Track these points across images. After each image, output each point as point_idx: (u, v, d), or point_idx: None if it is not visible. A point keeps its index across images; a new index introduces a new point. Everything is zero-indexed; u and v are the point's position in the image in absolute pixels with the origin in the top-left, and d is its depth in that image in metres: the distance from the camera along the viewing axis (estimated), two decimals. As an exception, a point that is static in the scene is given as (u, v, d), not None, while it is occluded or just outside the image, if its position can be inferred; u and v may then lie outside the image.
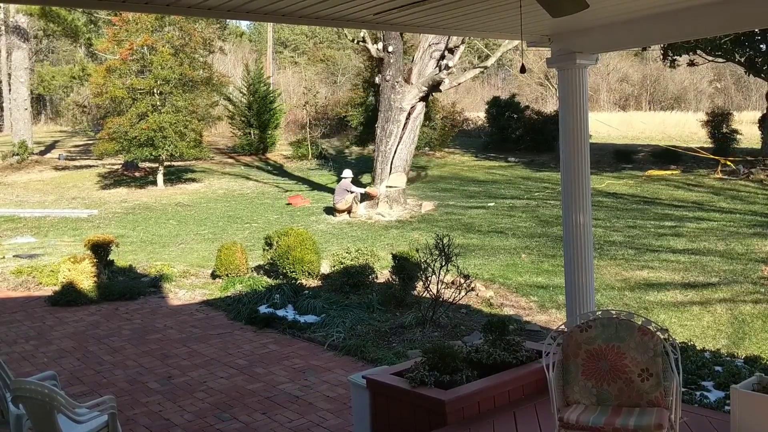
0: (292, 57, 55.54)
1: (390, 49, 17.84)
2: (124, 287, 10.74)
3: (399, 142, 17.98)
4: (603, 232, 13.72)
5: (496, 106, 31.89)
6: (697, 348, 7.13)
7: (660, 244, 12.55)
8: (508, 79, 53.52)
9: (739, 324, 7.99)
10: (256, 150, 32.18)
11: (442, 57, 17.92)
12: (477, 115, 37.66)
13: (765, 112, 25.50)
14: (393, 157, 17.95)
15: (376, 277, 10.21)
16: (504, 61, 50.67)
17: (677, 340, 7.28)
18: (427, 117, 30.42)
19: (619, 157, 26.14)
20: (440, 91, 18.48)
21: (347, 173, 18.34)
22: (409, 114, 18.00)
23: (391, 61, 17.92)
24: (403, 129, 17.95)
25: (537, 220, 15.66)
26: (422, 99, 18.09)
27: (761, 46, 23.80)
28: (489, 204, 18.26)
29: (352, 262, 10.25)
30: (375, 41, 18.62)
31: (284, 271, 10.60)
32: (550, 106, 38.09)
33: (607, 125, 33.08)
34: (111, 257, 11.60)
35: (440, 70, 17.42)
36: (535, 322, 8.56)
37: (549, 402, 4.07)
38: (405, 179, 18.38)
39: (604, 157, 25.69)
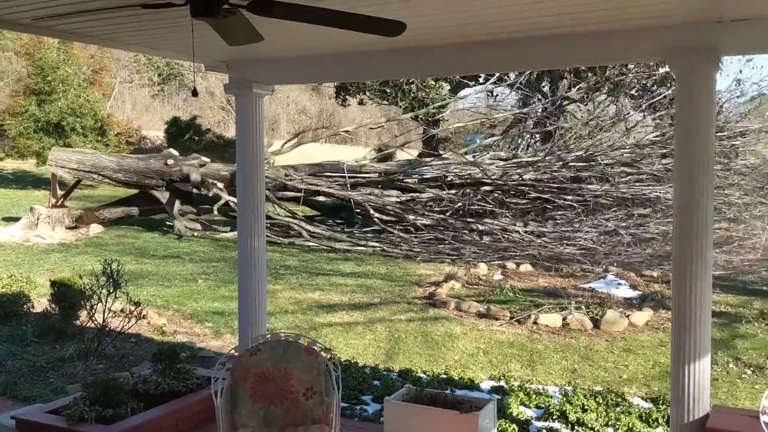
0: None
1: None
2: None
3: None
4: (279, 257, 14.16)
5: (175, 126, 31.10)
6: (360, 365, 7.70)
7: (331, 268, 13.35)
8: (190, 100, 52.61)
9: (395, 340, 8.82)
10: None
11: None
12: (156, 134, 36.41)
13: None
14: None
15: (33, 307, 9.22)
16: (186, 81, 49.79)
17: (342, 358, 7.81)
18: (101, 132, 28.42)
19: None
20: None
21: None
22: None
23: None
24: None
25: (215, 245, 15.58)
26: None
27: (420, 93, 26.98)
28: (167, 226, 17.68)
29: (3, 290, 9.15)
30: None
31: None
32: (231, 131, 38.47)
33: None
34: None
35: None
36: (209, 348, 8.47)
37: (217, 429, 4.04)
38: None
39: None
